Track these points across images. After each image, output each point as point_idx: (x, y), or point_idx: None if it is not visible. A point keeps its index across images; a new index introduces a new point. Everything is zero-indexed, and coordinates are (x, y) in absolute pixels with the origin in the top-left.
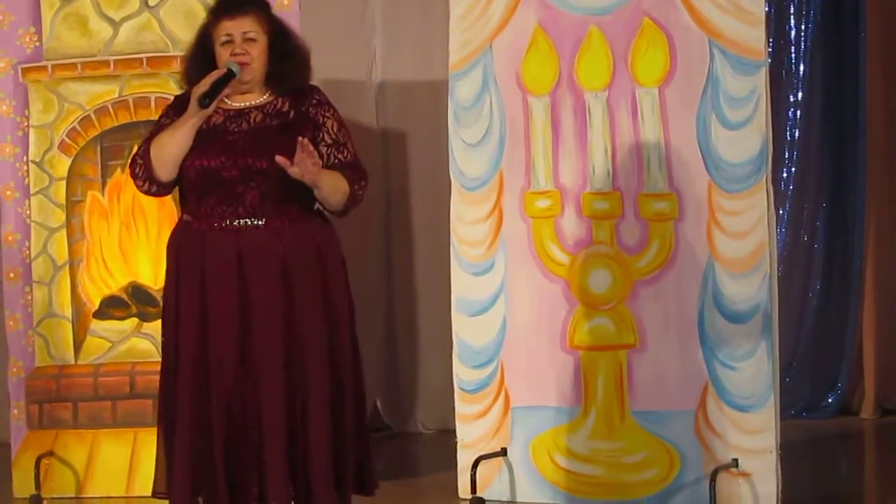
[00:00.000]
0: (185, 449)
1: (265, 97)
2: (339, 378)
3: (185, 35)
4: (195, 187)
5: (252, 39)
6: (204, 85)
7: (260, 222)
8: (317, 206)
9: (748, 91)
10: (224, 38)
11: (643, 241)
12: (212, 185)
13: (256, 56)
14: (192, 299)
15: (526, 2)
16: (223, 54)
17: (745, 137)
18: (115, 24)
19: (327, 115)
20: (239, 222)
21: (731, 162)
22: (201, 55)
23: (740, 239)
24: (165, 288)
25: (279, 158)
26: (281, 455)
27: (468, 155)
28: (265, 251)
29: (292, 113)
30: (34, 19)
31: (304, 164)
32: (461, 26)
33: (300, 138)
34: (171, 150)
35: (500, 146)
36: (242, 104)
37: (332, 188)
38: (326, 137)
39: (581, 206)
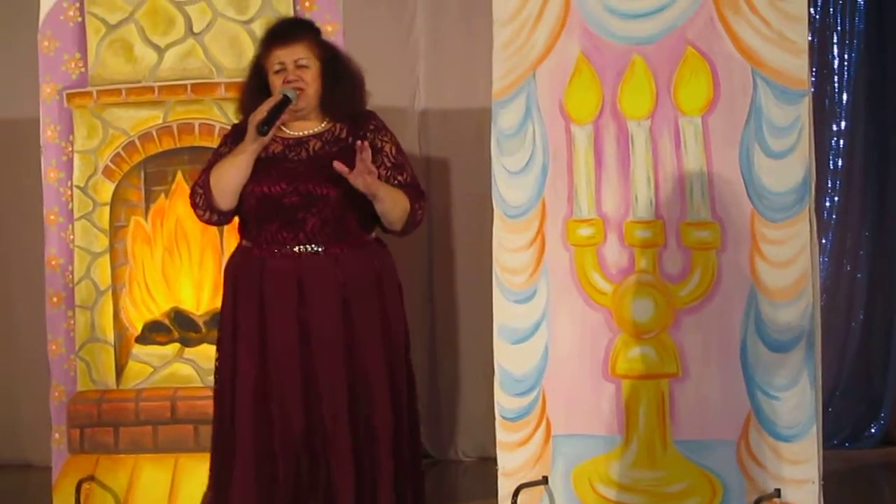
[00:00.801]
0: (247, 477)
1: (323, 125)
2: (398, 403)
3: (230, 62)
4: (255, 214)
5: (304, 66)
6: (261, 113)
7: (319, 248)
8: (374, 233)
9: (791, 120)
10: (277, 67)
11: (686, 269)
12: (272, 211)
13: (310, 82)
14: (250, 325)
15: (569, 30)
16: (277, 82)
17: (788, 166)
18: (160, 51)
19: (385, 139)
20: (299, 248)
21: (774, 191)
22: (256, 86)
23: (783, 268)
24: (222, 313)
25: (337, 164)
26: (349, 483)
27: (511, 183)
28: (325, 277)
29: (350, 139)
30: (79, 45)
31: (364, 165)
32: (504, 54)
33: (359, 142)
34: (230, 179)
35: (542, 174)
36: (301, 132)
37: (393, 202)
38: (386, 161)
39: (623, 234)
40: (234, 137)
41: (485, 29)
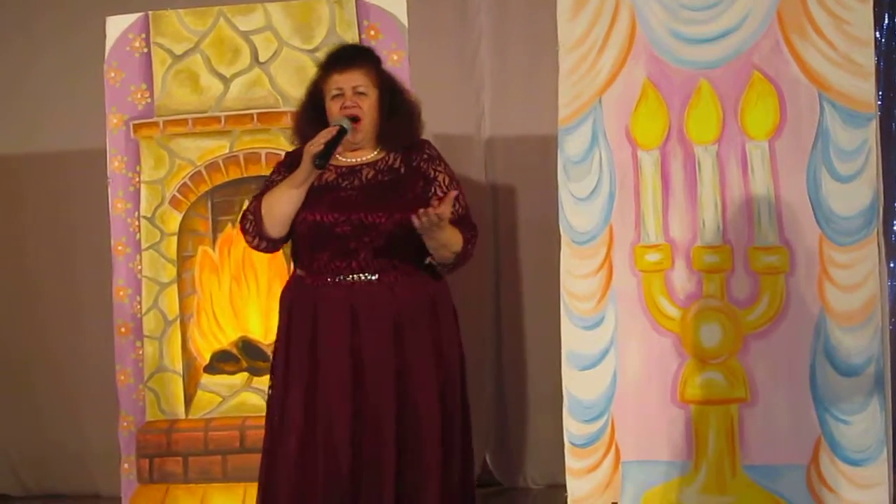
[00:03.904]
0: None
1: (376, 153)
2: (450, 432)
3: (296, 91)
4: (308, 242)
5: (363, 93)
6: (317, 145)
7: (373, 277)
8: (428, 259)
9: (858, 143)
10: (335, 92)
11: (754, 294)
12: (325, 240)
13: (367, 110)
14: (302, 354)
15: (635, 56)
16: (333, 108)
17: (856, 190)
18: (226, 81)
19: (438, 168)
20: (352, 277)
21: (841, 215)
22: (312, 109)
23: (852, 292)
24: (277, 342)
25: (415, 219)
26: None
27: (578, 209)
28: (378, 306)
29: (403, 168)
30: (145, 76)
31: (436, 218)
32: (570, 81)
33: (436, 200)
34: (282, 207)
35: (609, 200)
36: (354, 160)
37: (447, 242)
38: (438, 191)
39: (691, 259)
40: (287, 165)
41: (549, 55)
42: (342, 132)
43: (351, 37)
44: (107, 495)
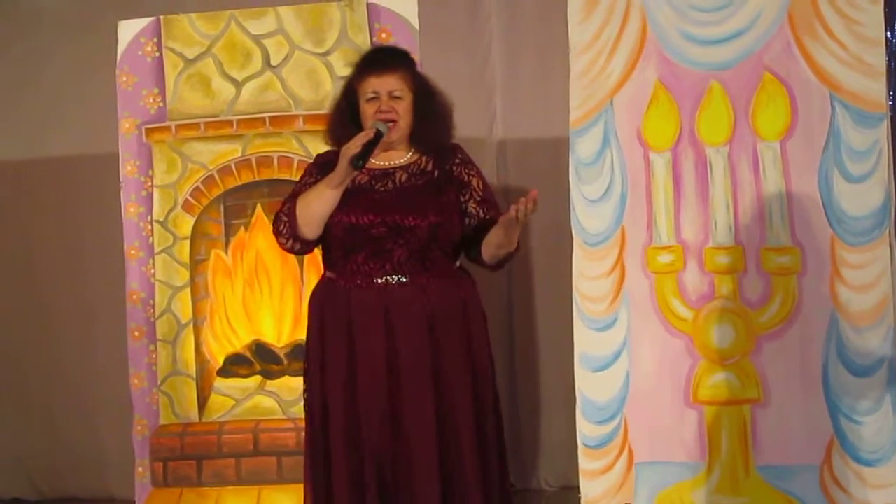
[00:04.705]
0: None
1: (409, 156)
2: (484, 432)
3: (307, 94)
4: (342, 244)
5: (398, 97)
6: (355, 147)
7: (405, 279)
8: (459, 262)
9: (870, 144)
10: (370, 95)
11: (766, 295)
12: (360, 242)
13: (402, 114)
14: (339, 356)
15: (646, 58)
16: (368, 111)
17: (868, 190)
18: (238, 84)
19: (472, 173)
20: (385, 279)
21: (853, 215)
22: (346, 110)
23: (864, 292)
24: (308, 345)
25: (512, 210)
26: None
27: (590, 211)
28: (411, 307)
29: (436, 172)
30: (157, 80)
31: (528, 211)
32: (581, 83)
33: (533, 193)
34: (318, 209)
35: (621, 202)
36: (387, 163)
37: (515, 239)
38: (475, 195)
39: (703, 260)
40: (320, 167)
41: (560, 58)
42: (379, 135)
43: (362, 40)
44: (121, 499)
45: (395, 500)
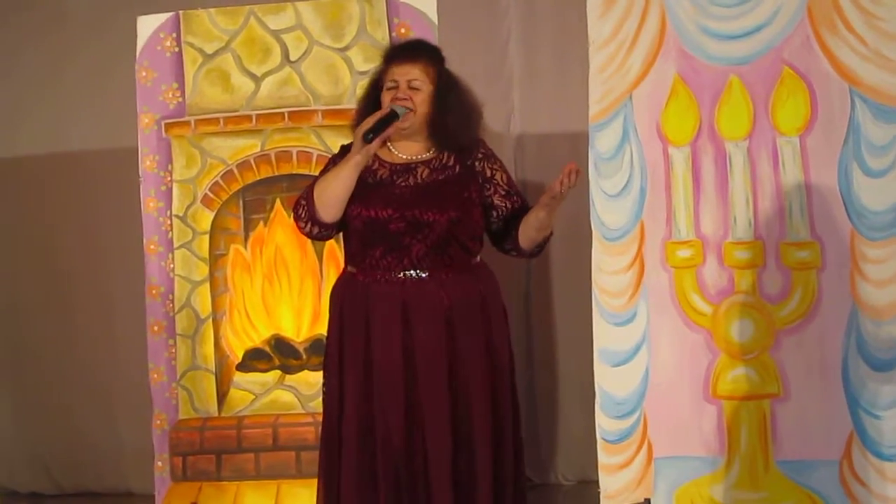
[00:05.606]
0: (350, 501)
1: (430, 152)
2: (500, 427)
3: (326, 89)
4: (361, 238)
5: (416, 88)
6: (368, 123)
7: (424, 274)
8: (478, 257)
9: (890, 138)
10: (390, 84)
11: (786, 289)
12: (378, 236)
13: (419, 104)
14: (356, 350)
15: (665, 53)
16: (386, 99)
17: (887, 185)
18: (257, 80)
19: (495, 167)
20: (404, 274)
21: (873, 210)
22: (373, 99)
23: (884, 287)
24: (328, 339)
25: (554, 185)
26: None
27: (609, 205)
28: (430, 302)
29: (458, 167)
30: (177, 75)
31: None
32: (601, 78)
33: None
34: (334, 190)
35: (640, 197)
36: (408, 158)
37: (551, 221)
38: (500, 189)
39: (723, 255)
40: (342, 156)
41: (578, 52)
42: (393, 116)
43: (381, 35)
44: (140, 493)
45: (410, 492)
